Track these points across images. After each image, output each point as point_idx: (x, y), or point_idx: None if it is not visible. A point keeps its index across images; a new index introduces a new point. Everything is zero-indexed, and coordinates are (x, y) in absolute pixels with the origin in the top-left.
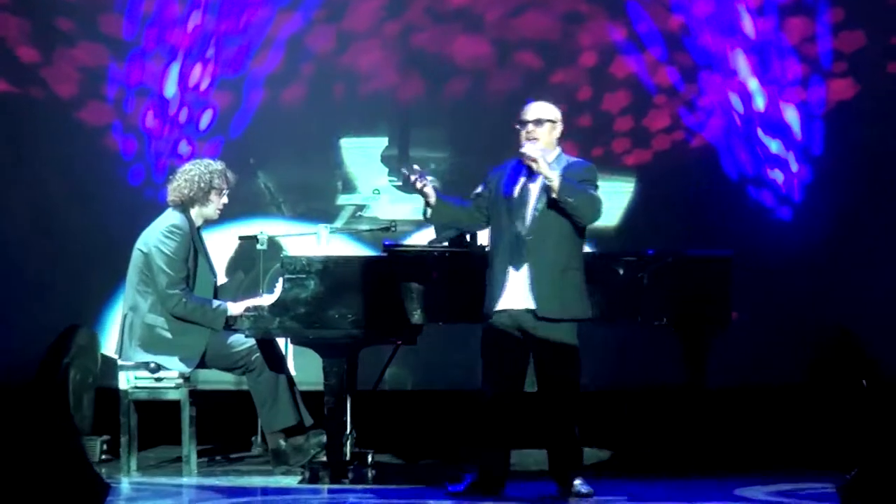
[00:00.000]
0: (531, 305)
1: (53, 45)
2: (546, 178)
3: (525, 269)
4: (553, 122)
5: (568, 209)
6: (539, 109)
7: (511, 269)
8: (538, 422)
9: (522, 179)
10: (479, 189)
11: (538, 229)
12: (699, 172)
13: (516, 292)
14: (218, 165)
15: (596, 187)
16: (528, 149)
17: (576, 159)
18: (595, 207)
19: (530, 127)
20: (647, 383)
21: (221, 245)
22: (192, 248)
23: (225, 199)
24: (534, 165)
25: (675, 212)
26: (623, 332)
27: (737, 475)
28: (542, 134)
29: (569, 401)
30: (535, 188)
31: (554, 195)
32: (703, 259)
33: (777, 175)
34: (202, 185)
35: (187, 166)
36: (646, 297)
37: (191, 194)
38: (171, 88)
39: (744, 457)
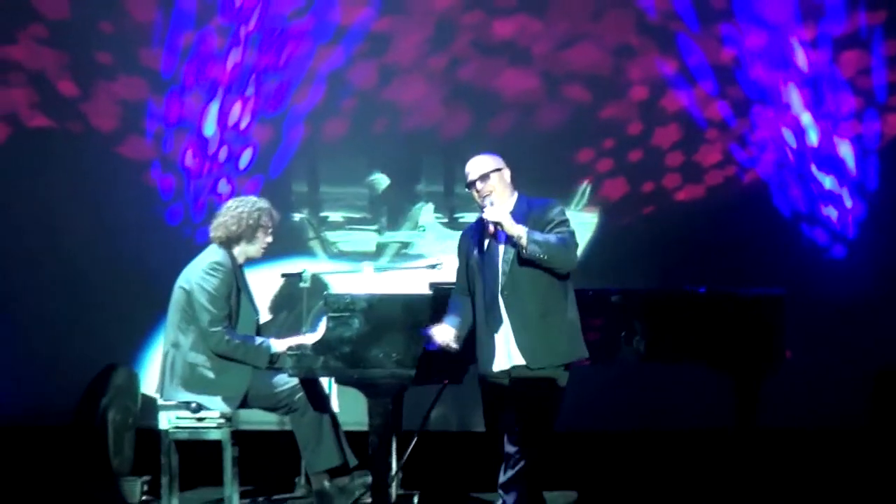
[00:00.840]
0: (521, 361)
1: (92, 79)
2: (513, 237)
3: (505, 326)
4: (497, 170)
5: (542, 264)
6: (478, 166)
7: (493, 330)
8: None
9: (487, 239)
10: (458, 272)
11: (511, 285)
12: (752, 208)
13: (500, 353)
14: (264, 203)
15: (566, 224)
16: (488, 214)
17: (537, 200)
18: (567, 256)
19: (479, 185)
20: (697, 424)
21: (264, 283)
22: (234, 285)
23: (270, 238)
24: (500, 227)
25: (727, 249)
26: (673, 371)
27: None
28: (493, 187)
29: (534, 451)
30: (500, 245)
31: (524, 253)
32: (755, 298)
33: (831, 212)
34: (250, 222)
35: (233, 203)
36: (697, 336)
37: (238, 231)
38: (210, 127)
39: (797, 499)
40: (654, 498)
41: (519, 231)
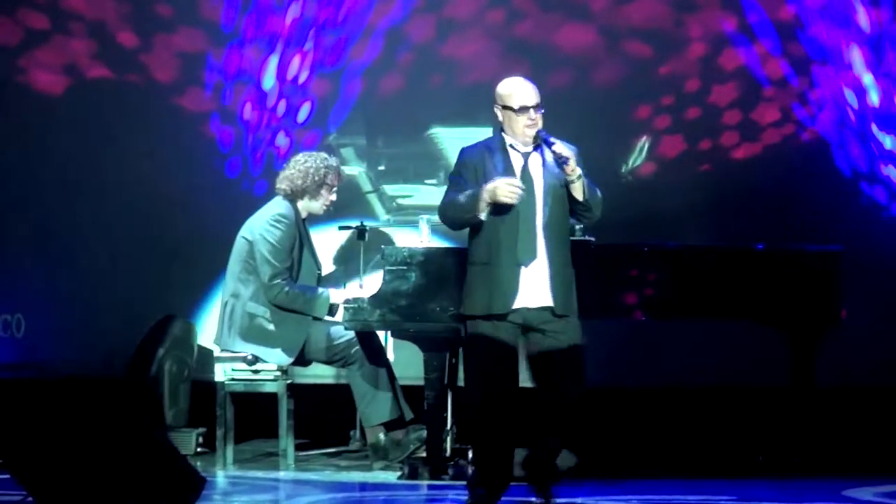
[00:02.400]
0: (548, 303)
1: (152, 31)
2: (570, 178)
3: (539, 264)
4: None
5: (584, 209)
6: (536, 91)
7: (522, 266)
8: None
9: (518, 166)
10: (455, 178)
11: (550, 221)
12: (811, 167)
13: (532, 290)
14: (333, 161)
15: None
16: (562, 148)
17: (561, 140)
18: (602, 208)
19: (533, 113)
20: (753, 382)
21: (322, 236)
22: (297, 238)
23: (334, 196)
24: (567, 166)
25: (785, 207)
26: (729, 327)
27: (845, 476)
28: (540, 121)
29: (580, 399)
30: (537, 175)
31: (578, 196)
32: (814, 254)
33: (891, 171)
34: (316, 178)
35: (302, 157)
36: (754, 292)
37: (303, 185)
38: (269, 80)
39: (853, 458)
40: (707, 455)
41: (580, 172)
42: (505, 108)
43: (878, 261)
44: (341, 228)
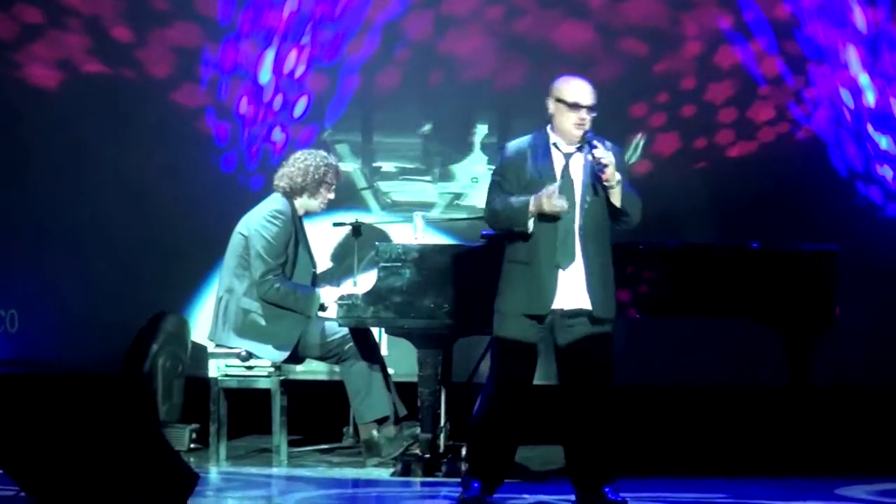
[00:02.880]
0: (586, 306)
1: (148, 26)
2: (610, 184)
3: (577, 266)
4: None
5: (622, 215)
6: (593, 93)
7: (560, 268)
8: (552, 420)
9: (559, 167)
10: (497, 180)
11: (587, 223)
12: (806, 166)
13: (570, 292)
14: (332, 160)
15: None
16: (603, 154)
17: (606, 141)
18: (640, 213)
19: (584, 114)
20: (747, 381)
21: (316, 233)
22: (293, 235)
23: (332, 195)
24: (604, 173)
25: (780, 206)
26: (723, 327)
27: (838, 475)
28: (589, 123)
29: (610, 400)
30: (577, 177)
31: (616, 202)
32: (809, 254)
33: (886, 171)
34: (316, 176)
35: (301, 154)
36: (749, 291)
37: (303, 183)
38: (265, 74)
39: (846, 457)
40: (700, 453)
41: (619, 178)
42: (558, 101)
43: (873, 261)
44: (336, 225)
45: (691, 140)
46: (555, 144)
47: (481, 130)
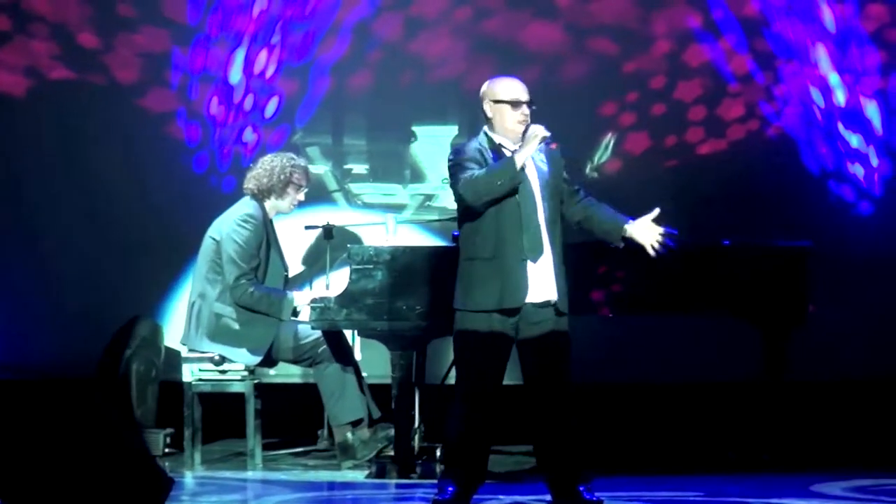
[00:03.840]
0: (551, 297)
1: (115, 31)
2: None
3: (546, 260)
4: None
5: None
6: (527, 90)
7: (529, 261)
8: (520, 419)
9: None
10: (464, 165)
11: (549, 217)
12: (777, 163)
13: (538, 284)
14: (301, 161)
15: None
16: (540, 128)
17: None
18: None
19: (525, 110)
20: (721, 378)
21: (287, 236)
22: (264, 238)
23: (301, 196)
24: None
25: (751, 204)
26: (697, 324)
27: (813, 471)
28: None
29: (572, 396)
30: (531, 173)
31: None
32: (781, 250)
33: (857, 170)
34: (282, 177)
35: (269, 157)
36: (721, 288)
37: (269, 184)
38: (236, 75)
39: (821, 453)
40: (675, 451)
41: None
42: (497, 102)
43: (845, 258)
44: (308, 228)
45: (661, 138)
46: (501, 145)
47: (452, 131)
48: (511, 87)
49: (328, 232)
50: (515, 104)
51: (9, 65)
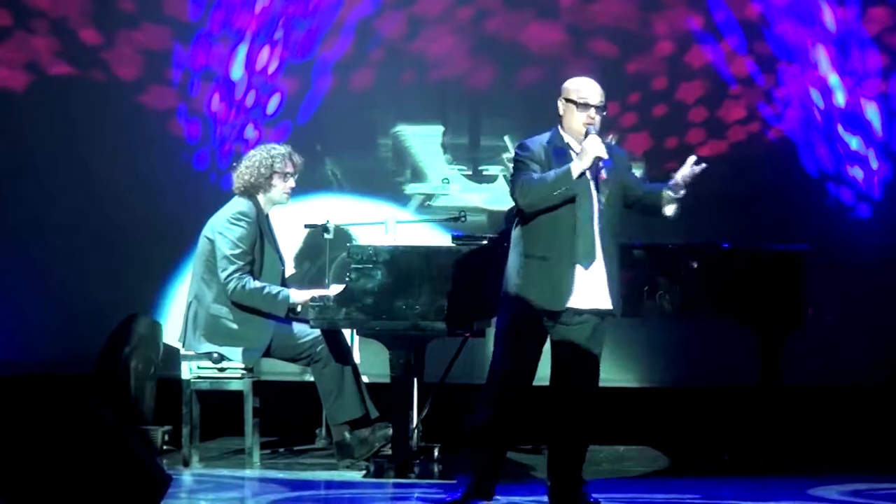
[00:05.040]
0: (602, 306)
1: (116, 27)
2: (675, 194)
3: (598, 266)
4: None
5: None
6: (602, 94)
7: (580, 266)
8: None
9: (581, 166)
10: (527, 165)
11: (605, 223)
12: (777, 165)
13: (588, 292)
14: (281, 149)
15: None
16: (596, 145)
17: (612, 143)
18: None
19: (593, 113)
20: (718, 381)
21: (287, 234)
22: (258, 235)
23: (292, 183)
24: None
25: (751, 206)
26: (694, 327)
27: (810, 475)
28: (599, 122)
29: (596, 405)
30: (591, 179)
31: (670, 209)
32: (779, 254)
33: (857, 172)
34: (262, 170)
35: (250, 152)
36: (719, 291)
37: (252, 180)
38: (237, 71)
39: (818, 457)
40: (672, 454)
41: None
42: (567, 100)
43: (844, 262)
44: (307, 227)
45: (662, 140)
46: (568, 145)
47: (452, 130)
48: (581, 88)
49: (327, 230)
50: (582, 105)
51: (9, 60)
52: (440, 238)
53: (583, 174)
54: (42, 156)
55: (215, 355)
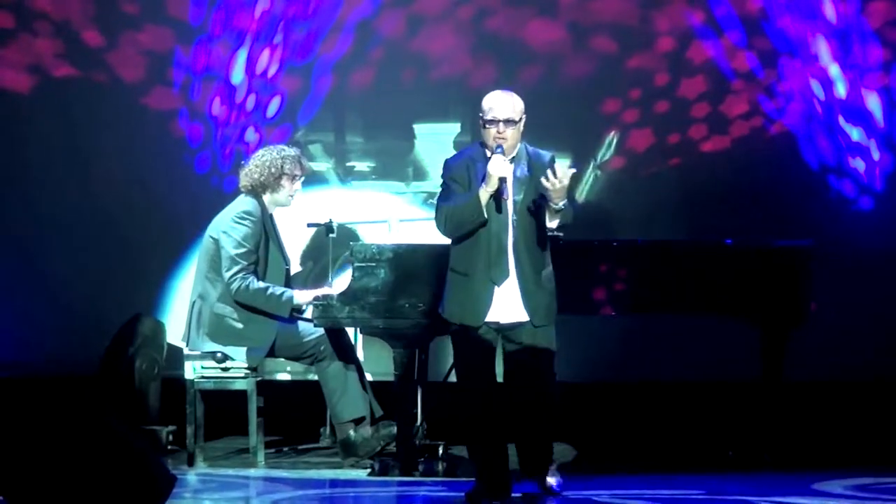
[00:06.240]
0: (524, 318)
1: (118, 29)
2: (556, 206)
3: (511, 282)
4: (523, 119)
5: (558, 229)
6: (511, 107)
7: (494, 282)
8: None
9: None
10: (448, 187)
11: (519, 238)
12: (781, 160)
13: (505, 306)
14: (291, 151)
15: None
16: (498, 167)
17: (536, 151)
18: (573, 215)
19: (501, 128)
20: (722, 377)
21: (290, 233)
22: (263, 234)
23: (298, 186)
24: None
25: (753, 201)
26: (698, 323)
27: (814, 470)
28: (512, 135)
29: (555, 398)
30: (510, 194)
31: (552, 224)
32: (783, 250)
33: (858, 164)
34: (273, 170)
35: (260, 151)
36: (723, 288)
37: (261, 179)
38: (238, 75)
39: (822, 452)
40: (676, 450)
41: (563, 205)
42: (480, 118)
43: (846, 255)
44: (310, 226)
45: (665, 136)
46: (488, 159)
47: (454, 129)
48: (488, 103)
49: (330, 229)
50: (490, 122)
51: (13, 62)
52: (443, 236)
53: (491, 197)
54: (45, 157)
55: (219, 355)
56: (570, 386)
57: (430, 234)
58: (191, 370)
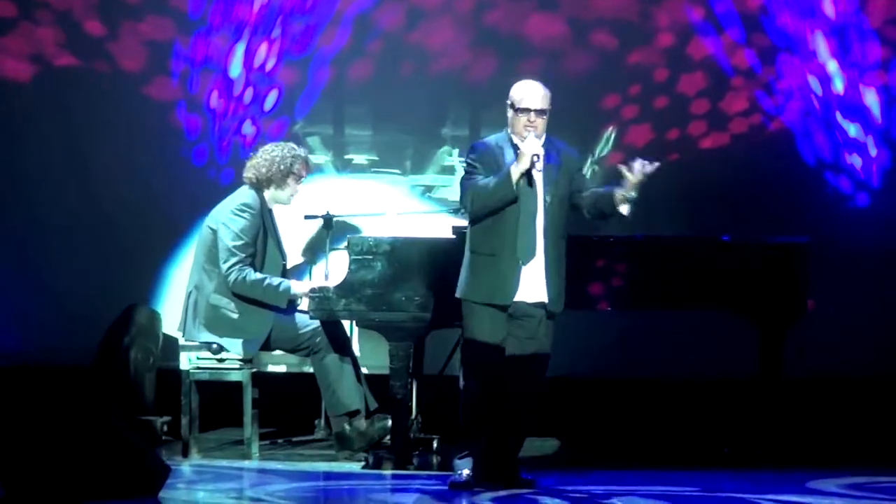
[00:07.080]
0: (542, 298)
1: (120, 19)
2: (629, 194)
3: (538, 263)
4: (551, 109)
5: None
6: (544, 97)
7: (521, 263)
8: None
9: (523, 169)
10: (475, 169)
11: (548, 222)
12: (780, 157)
13: (531, 286)
14: (301, 152)
15: None
16: (531, 145)
17: (563, 143)
18: None
19: (533, 117)
20: (718, 374)
21: (288, 225)
22: (261, 228)
23: (301, 186)
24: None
25: (752, 197)
26: (694, 319)
27: (810, 468)
28: (541, 124)
29: (538, 399)
30: (539, 177)
31: (624, 208)
32: (779, 246)
33: (855, 160)
34: (282, 167)
35: (270, 146)
36: (720, 283)
37: (268, 174)
38: (236, 68)
39: (818, 450)
40: (671, 446)
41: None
42: (510, 106)
43: (843, 252)
44: (307, 218)
45: (664, 132)
46: (515, 147)
47: (452, 122)
48: (520, 93)
49: (327, 222)
50: (522, 110)
51: (14, 51)
52: (440, 230)
53: (522, 176)
54: (45, 146)
55: (215, 346)
56: (566, 381)
57: (427, 226)
58: (186, 361)
